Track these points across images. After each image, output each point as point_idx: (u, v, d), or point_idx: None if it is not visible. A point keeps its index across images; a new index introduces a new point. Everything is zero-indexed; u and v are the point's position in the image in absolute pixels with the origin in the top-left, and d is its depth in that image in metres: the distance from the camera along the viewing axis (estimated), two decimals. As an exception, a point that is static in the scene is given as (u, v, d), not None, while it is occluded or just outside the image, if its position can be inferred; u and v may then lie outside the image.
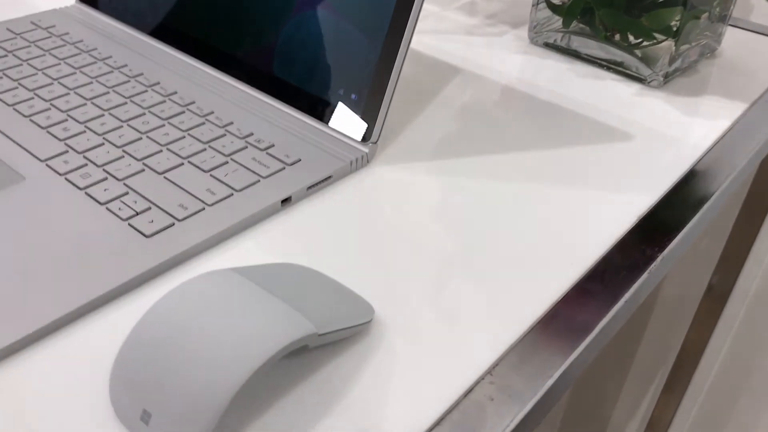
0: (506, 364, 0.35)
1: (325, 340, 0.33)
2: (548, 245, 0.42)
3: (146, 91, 0.53)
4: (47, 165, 0.45)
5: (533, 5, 0.65)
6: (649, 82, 0.61)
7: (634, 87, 0.60)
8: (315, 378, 0.34)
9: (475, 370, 0.34)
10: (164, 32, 0.58)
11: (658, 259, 0.42)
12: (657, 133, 0.54)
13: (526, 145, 0.51)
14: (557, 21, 0.65)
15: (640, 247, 0.43)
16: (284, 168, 0.46)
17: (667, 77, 0.61)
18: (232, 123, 0.49)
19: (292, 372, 0.34)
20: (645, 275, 0.41)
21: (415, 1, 0.45)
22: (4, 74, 0.54)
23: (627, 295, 0.39)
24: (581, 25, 0.64)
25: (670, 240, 0.43)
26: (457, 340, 0.36)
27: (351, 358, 0.35)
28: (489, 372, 0.34)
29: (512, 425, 0.32)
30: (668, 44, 0.60)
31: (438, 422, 0.32)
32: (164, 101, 0.51)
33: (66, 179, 0.44)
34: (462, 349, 0.35)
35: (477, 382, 0.34)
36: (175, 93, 0.52)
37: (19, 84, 0.53)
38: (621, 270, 0.41)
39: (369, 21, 0.47)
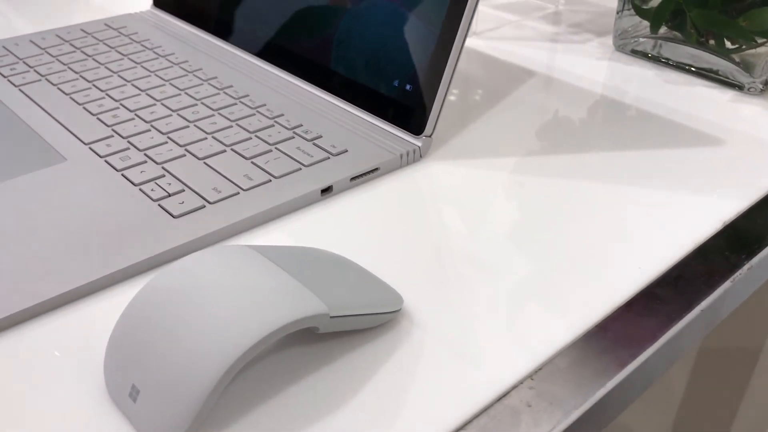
0: (551, 369, 0.30)
1: (340, 325, 0.29)
2: (617, 247, 0.37)
3: (202, 84, 0.51)
4: (90, 148, 0.44)
5: (618, 11, 0.61)
6: (747, 89, 0.55)
7: (728, 94, 0.54)
8: (328, 369, 0.30)
9: (514, 373, 0.30)
10: (225, 30, 0.57)
11: (745, 267, 0.36)
12: (753, 138, 0.48)
13: (603, 146, 0.47)
14: (645, 27, 0.60)
15: (724, 254, 0.37)
16: (328, 158, 0.43)
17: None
18: (282, 115, 0.47)
19: (304, 360, 0.30)
20: (727, 284, 0.35)
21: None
22: (68, 67, 0.54)
23: (703, 304, 0.34)
24: (671, 31, 0.59)
25: (760, 248, 0.37)
26: (497, 340, 0.31)
27: (372, 351, 0.31)
28: (530, 376, 0.30)
29: (550, 436, 0.27)
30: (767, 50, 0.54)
31: (462, 426, 0.27)
32: (218, 93, 0.50)
33: (105, 161, 0.42)
34: (501, 349, 0.31)
35: (514, 386, 0.29)
36: (231, 86, 0.51)
37: (80, 76, 0.52)
38: (699, 276, 0.35)
39: (425, 8, 0.43)
